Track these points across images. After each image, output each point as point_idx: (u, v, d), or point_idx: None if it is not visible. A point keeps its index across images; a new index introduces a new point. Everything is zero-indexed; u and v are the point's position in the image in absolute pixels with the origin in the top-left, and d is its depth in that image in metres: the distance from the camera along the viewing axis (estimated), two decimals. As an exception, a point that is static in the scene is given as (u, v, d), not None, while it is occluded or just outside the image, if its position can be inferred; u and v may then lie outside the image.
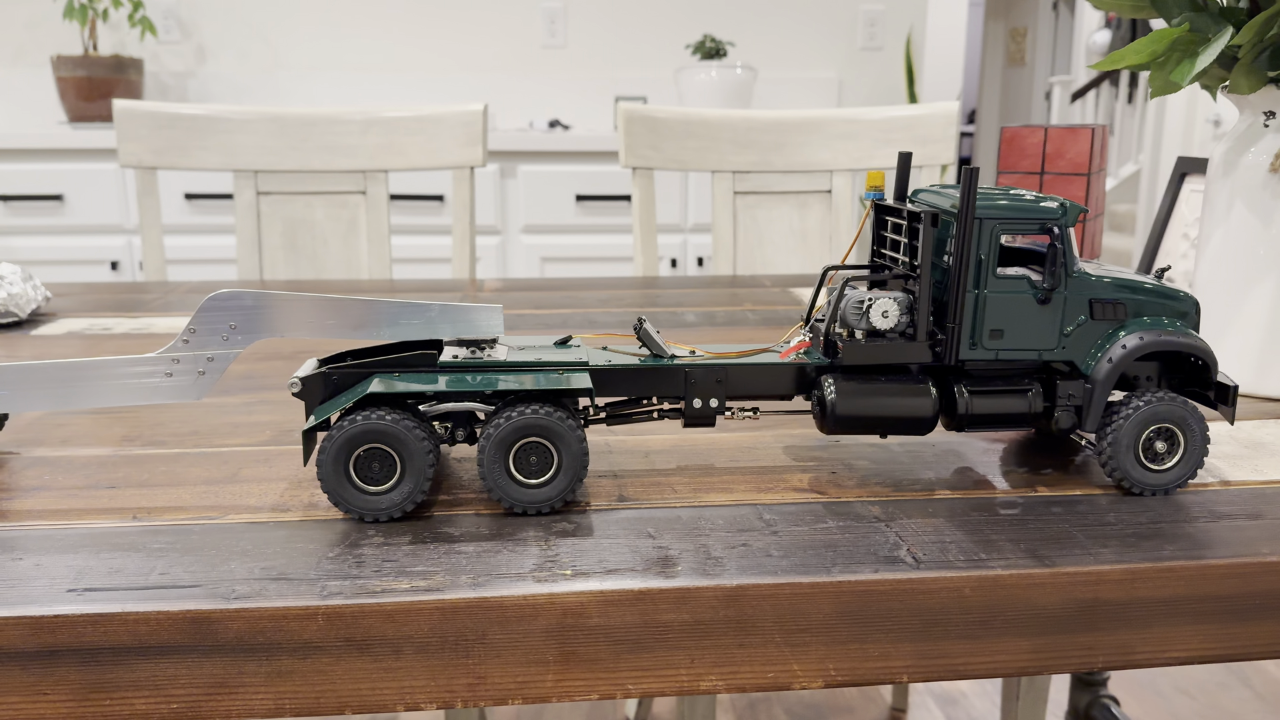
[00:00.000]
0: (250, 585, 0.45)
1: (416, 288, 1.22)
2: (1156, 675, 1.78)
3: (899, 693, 1.68)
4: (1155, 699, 1.71)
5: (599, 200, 2.55)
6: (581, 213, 2.56)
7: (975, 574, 0.47)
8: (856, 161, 1.46)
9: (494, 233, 2.57)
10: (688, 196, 2.59)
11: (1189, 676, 1.78)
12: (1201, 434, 0.55)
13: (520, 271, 2.61)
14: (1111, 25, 7.82)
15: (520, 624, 0.45)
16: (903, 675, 0.47)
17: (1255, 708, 1.69)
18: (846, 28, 3.09)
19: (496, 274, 2.61)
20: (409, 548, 0.49)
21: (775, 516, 0.53)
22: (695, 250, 2.62)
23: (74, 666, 0.43)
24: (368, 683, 0.45)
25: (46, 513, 0.53)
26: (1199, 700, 1.71)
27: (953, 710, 1.68)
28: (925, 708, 1.68)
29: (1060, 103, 7.56)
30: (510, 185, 2.55)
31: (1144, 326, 0.55)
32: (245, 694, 0.44)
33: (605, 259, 2.59)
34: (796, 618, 0.46)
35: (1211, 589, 0.48)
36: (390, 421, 0.51)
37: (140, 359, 0.54)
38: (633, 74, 3.01)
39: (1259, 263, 0.74)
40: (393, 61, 2.94)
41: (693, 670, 0.46)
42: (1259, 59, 0.71)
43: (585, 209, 2.56)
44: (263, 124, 1.37)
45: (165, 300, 1.15)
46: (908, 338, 0.56)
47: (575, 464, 0.52)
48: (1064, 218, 0.54)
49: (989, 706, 1.69)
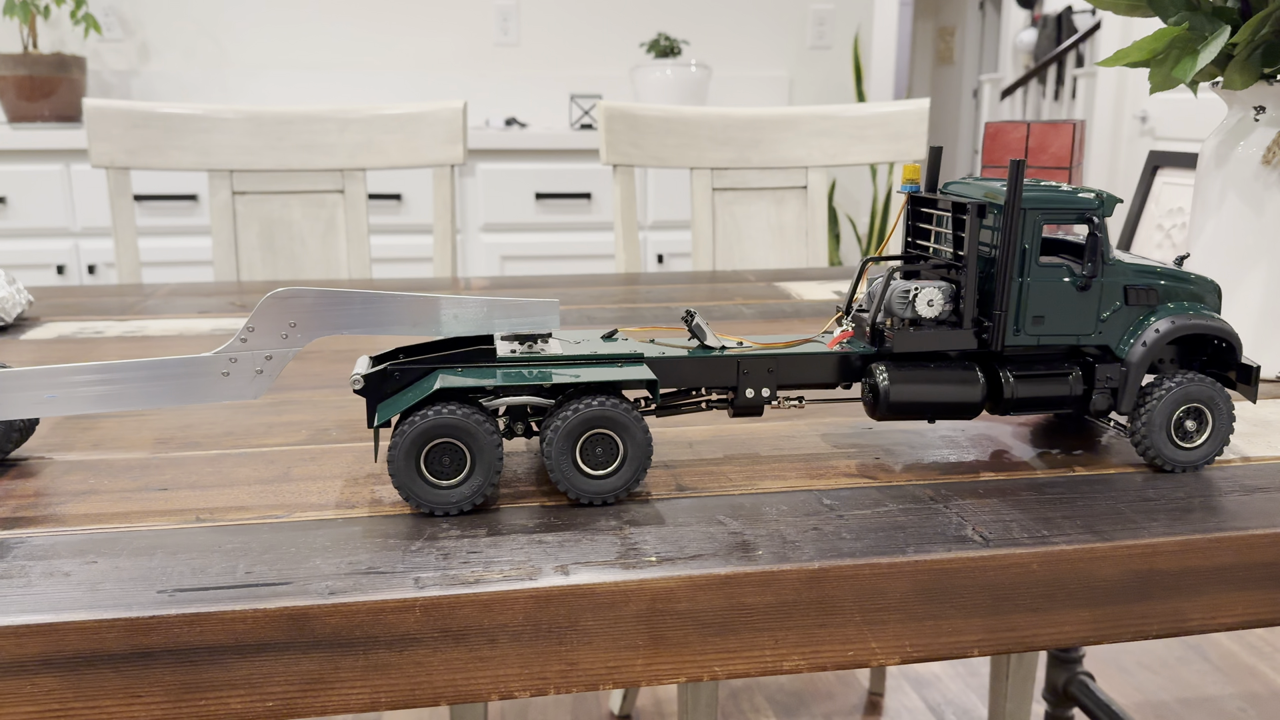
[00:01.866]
0: (342, 581, 0.45)
1: (402, 287, 1.21)
2: (1120, 653, 1.84)
3: (876, 678, 1.71)
4: (1120, 675, 1.77)
5: (559, 198, 2.55)
6: (541, 211, 2.56)
7: (1041, 550, 0.49)
8: (832, 158, 1.49)
9: (452, 232, 2.55)
10: (648, 194, 2.61)
11: (1150, 653, 1.84)
12: (1228, 413, 0.58)
13: (479, 270, 2.60)
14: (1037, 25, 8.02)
15: (611, 610, 0.46)
16: (974, 649, 0.49)
17: (1214, 679, 1.76)
18: (796, 27, 3.14)
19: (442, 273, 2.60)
20: (488, 539, 0.49)
21: (835, 501, 0.54)
22: (655, 247, 2.63)
23: (169, 668, 0.43)
24: (463, 673, 0.45)
25: (105, 516, 0.52)
26: (1161, 675, 1.77)
27: (927, 692, 1.72)
28: (901, 691, 1.72)
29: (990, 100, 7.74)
30: (469, 184, 2.54)
31: (1173, 311, 0.58)
32: (341, 689, 0.44)
33: (567, 257, 2.59)
34: (875, 597, 0.48)
35: (1257, 557, 0.51)
36: (461, 416, 0.51)
37: (196, 359, 0.54)
38: (587, 72, 3.02)
39: (1252, 251, 0.78)
40: (343, 59, 2.90)
41: (776, 651, 0.47)
42: (1252, 56, 0.75)
43: (545, 207, 2.56)
44: (238, 123, 1.35)
45: (149, 303, 1.13)
46: (951, 325, 0.58)
47: (640, 454, 0.53)
48: (1101, 208, 0.56)
49: (961, 688, 1.73)
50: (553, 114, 3.01)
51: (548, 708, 1.65)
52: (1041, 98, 6.96)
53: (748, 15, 3.09)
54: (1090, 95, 6.33)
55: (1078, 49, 6.69)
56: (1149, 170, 1.15)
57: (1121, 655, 1.83)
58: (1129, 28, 5.73)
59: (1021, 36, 8.15)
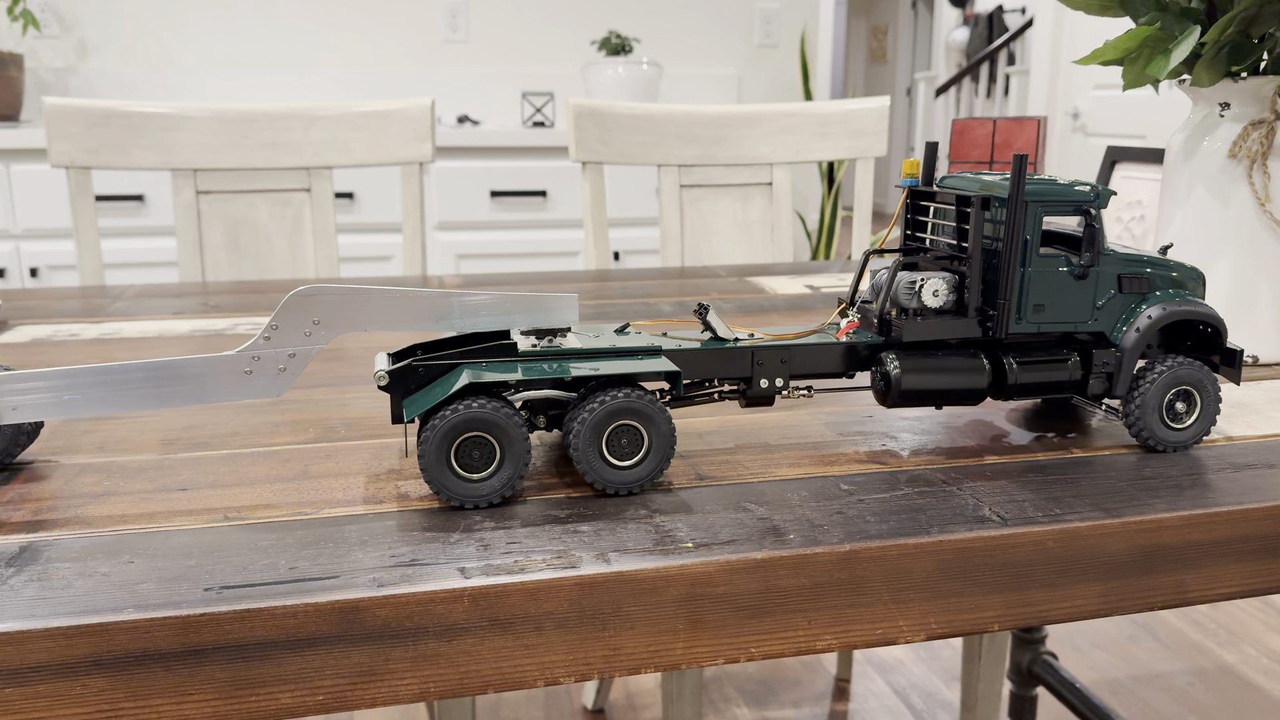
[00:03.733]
0: (387, 573, 0.45)
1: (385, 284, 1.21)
2: (1074, 633, 1.90)
3: (843, 664, 1.75)
4: (1075, 654, 1.83)
5: (515, 196, 2.55)
6: (497, 209, 2.56)
7: (1055, 527, 0.51)
8: (795, 155, 1.51)
9: (406, 231, 2.54)
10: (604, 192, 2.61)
11: (1102, 632, 1.91)
12: (1215, 394, 0.61)
13: (434, 269, 2.58)
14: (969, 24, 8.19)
15: (653, 595, 0.47)
16: (994, 624, 0.51)
17: (1162, 655, 1.82)
18: (744, 25, 3.17)
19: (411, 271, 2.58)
20: (525, 530, 0.50)
21: (853, 486, 0.56)
22: (612, 244, 2.64)
23: (220, 665, 0.43)
24: (510, 661, 0.46)
25: (130, 517, 0.52)
26: (1114, 654, 1.83)
27: (892, 677, 1.75)
28: (867, 676, 1.75)
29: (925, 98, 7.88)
30: (424, 181, 2.52)
31: (1163, 299, 0.61)
32: (392, 680, 0.45)
33: (524, 255, 2.58)
34: (902, 576, 0.49)
35: (1252, 530, 0.54)
36: (491, 410, 0.52)
37: (220, 357, 0.54)
38: (538, 69, 3.01)
39: (1219, 240, 0.82)
40: (288, 56, 2.86)
41: (809, 631, 0.49)
42: (1219, 55, 0.79)
43: (501, 205, 2.55)
44: (202, 121, 1.33)
45: (118, 306, 1.11)
46: (955, 315, 0.60)
47: (664, 445, 0.54)
48: (1097, 201, 0.59)
49: (925, 672, 1.77)
50: (504, 111, 3.00)
51: (520, 705, 1.65)
52: (974, 95, 7.12)
53: (696, 14, 3.11)
54: (1023, 92, 6.48)
55: (1009, 47, 6.84)
56: (1107, 164, 1.19)
57: (1076, 635, 1.89)
58: (1060, 27, 5.88)
59: (953, 35, 8.32)
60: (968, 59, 7.81)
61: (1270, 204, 0.80)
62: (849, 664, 1.75)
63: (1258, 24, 0.77)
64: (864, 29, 11.32)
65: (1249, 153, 0.79)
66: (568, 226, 2.62)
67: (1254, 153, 0.79)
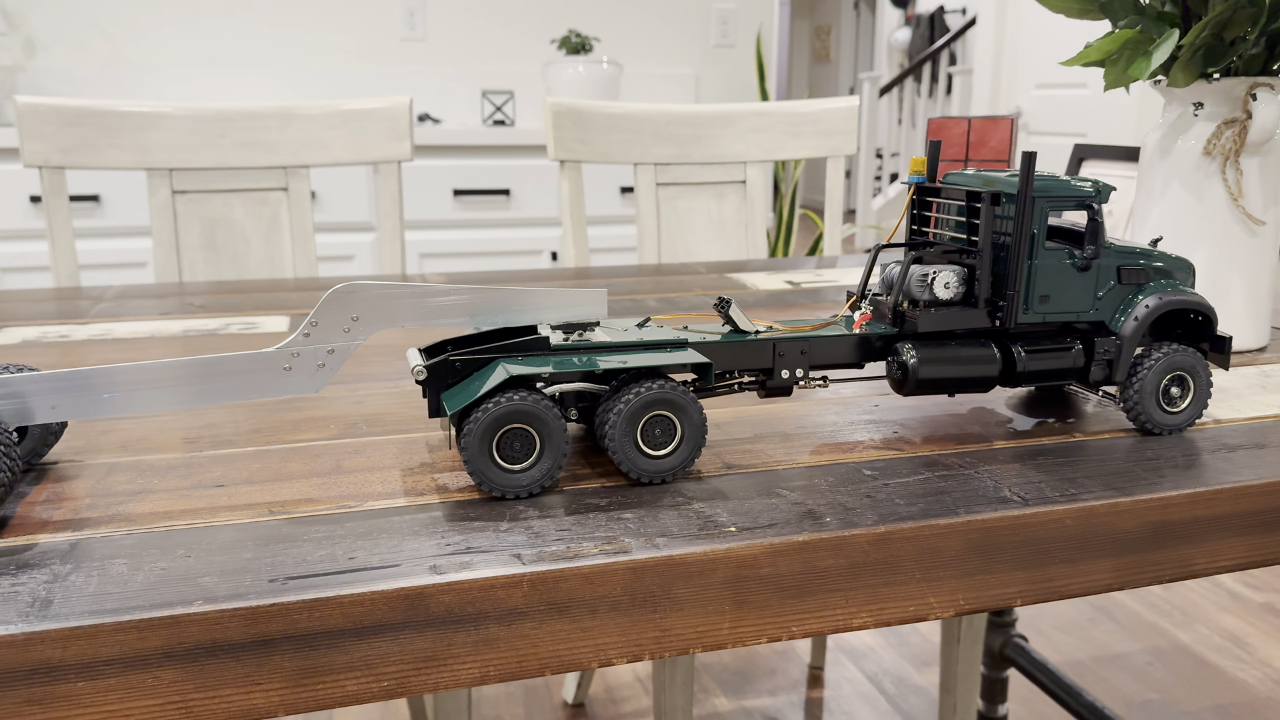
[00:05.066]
0: (445, 560, 0.47)
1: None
2: (1037, 617, 1.96)
3: (816, 651, 1.78)
4: (1039, 637, 1.88)
5: (478, 195, 2.55)
6: (460, 207, 2.55)
7: (1073, 506, 0.54)
8: (768, 153, 1.54)
9: (368, 229, 2.53)
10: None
11: (1063, 616, 1.96)
12: (1207, 379, 0.64)
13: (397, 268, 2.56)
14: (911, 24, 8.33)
15: (700, 578, 0.49)
16: (1017, 600, 0.54)
17: (1121, 636, 1.89)
18: (701, 25, 3.20)
19: (372, 271, 2.57)
20: (570, 519, 0.52)
21: (875, 471, 0.58)
22: (574, 243, 2.65)
23: (288, 654, 0.44)
24: (566, 643, 0.47)
25: (173, 514, 0.52)
26: (1075, 636, 1.89)
27: (863, 663, 1.79)
28: (840, 664, 1.79)
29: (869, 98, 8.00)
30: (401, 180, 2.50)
31: (1158, 289, 0.64)
32: (453, 665, 0.46)
33: (488, 254, 2.58)
34: (933, 555, 0.52)
35: (1250, 505, 0.57)
36: (532, 402, 0.53)
37: (260, 354, 0.54)
38: (498, 68, 3.01)
39: (1194, 234, 0.86)
40: (243, 54, 2.83)
41: (847, 610, 0.51)
42: (1194, 57, 0.82)
43: (464, 204, 2.55)
44: (177, 119, 1.32)
45: (101, 307, 1.10)
46: (965, 306, 0.63)
47: (696, 434, 0.56)
48: (1098, 196, 0.62)
49: (895, 658, 1.81)
50: (464, 110, 2.99)
51: (500, 701, 1.66)
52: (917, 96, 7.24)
53: (654, 13, 3.13)
54: (966, 92, 6.62)
55: (950, 47, 6.98)
56: (1074, 162, 1.23)
57: (1038, 619, 1.95)
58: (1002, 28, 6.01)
59: (896, 35, 8.45)
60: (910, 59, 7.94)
61: (1243, 199, 0.84)
62: (823, 651, 1.78)
63: (1230, 27, 0.81)
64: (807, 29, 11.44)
65: (1223, 150, 0.83)
66: (532, 225, 2.63)
67: (1227, 150, 0.83)
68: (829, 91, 11.10)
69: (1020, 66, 5.93)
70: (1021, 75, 5.94)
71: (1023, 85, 5.97)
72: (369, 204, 2.49)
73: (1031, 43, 5.82)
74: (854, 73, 10.75)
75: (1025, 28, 5.87)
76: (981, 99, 6.18)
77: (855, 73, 10.73)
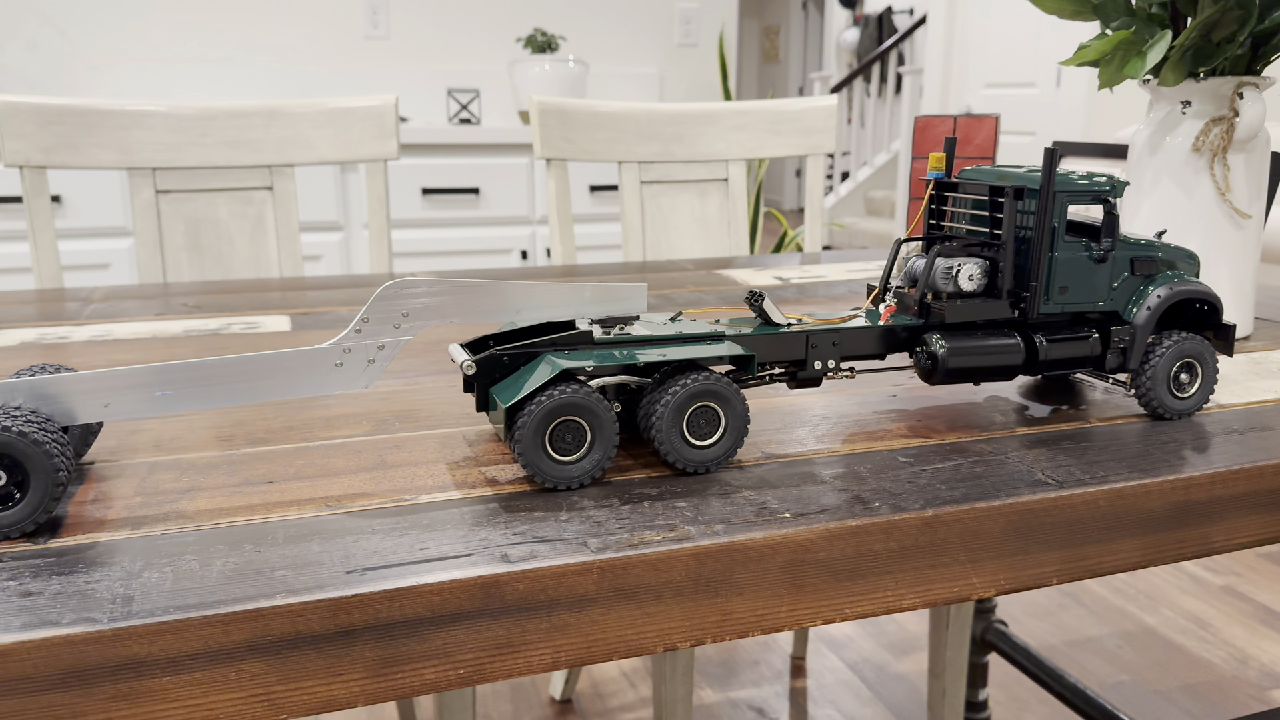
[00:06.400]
0: (515, 550, 0.48)
1: (346, 284, 1.21)
2: (1009, 604, 2.00)
3: (798, 642, 1.81)
4: (1012, 624, 1.93)
5: (447, 194, 2.54)
6: (429, 206, 2.54)
7: (1104, 488, 0.56)
8: (749, 151, 1.56)
9: (335, 229, 2.51)
10: (535, 188, 2.62)
11: (1034, 602, 2.01)
12: (1214, 366, 0.67)
13: (364, 268, 2.55)
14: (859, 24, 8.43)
15: (760, 563, 0.50)
16: (1053, 578, 0.56)
17: (1090, 621, 1.94)
18: (664, 25, 3.21)
19: (340, 271, 2.55)
20: (626, 508, 0.53)
21: (910, 458, 0.60)
22: (545, 242, 2.66)
23: (369, 644, 0.44)
24: (633, 628, 0.48)
25: (230, 510, 0.53)
26: (1047, 622, 1.94)
27: (844, 653, 1.82)
28: (820, 654, 1.82)
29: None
30: (351, 180, 2.49)
31: (1167, 279, 0.67)
32: (527, 651, 0.47)
33: (459, 252, 2.58)
34: (976, 537, 0.54)
35: (1265, 484, 0.60)
36: (584, 395, 0.54)
37: (312, 350, 0.55)
38: (463, 66, 3.00)
39: (1184, 228, 0.89)
40: (204, 53, 2.78)
41: (896, 591, 0.53)
42: (1183, 58, 0.86)
43: (432, 202, 2.54)
44: (160, 118, 1.30)
45: (92, 308, 1.08)
46: (987, 297, 0.65)
47: (739, 424, 0.58)
48: (1113, 191, 0.64)
49: (874, 647, 1.84)
50: (430, 108, 2.98)
51: (486, 698, 1.66)
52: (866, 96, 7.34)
53: (618, 13, 3.14)
54: (915, 91, 6.72)
55: (899, 47, 7.08)
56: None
57: (1011, 606, 2.00)
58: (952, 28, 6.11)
59: (844, 35, 8.55)
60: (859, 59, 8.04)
61: (1230, 193, 0.87)
62: (804, 642, 1.81)
63: (1218, 29, 0.84)
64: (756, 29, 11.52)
65: (1211, 147, 0.87)
66: (502, 224, 2.62)
67: (1215, 147, 0.87)
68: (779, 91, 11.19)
69: (970, 66, 6.04)
70: (971, 74, 6.04)
71: (972, 84, 6.08)
72: (336, 204, 2.47)
73: (981, 42, 5.93)
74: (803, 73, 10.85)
75: (975, 28, 5.98)
76: (932, 98, 6.28)
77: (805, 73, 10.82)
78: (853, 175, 7.20)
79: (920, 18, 6.74)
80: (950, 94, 6.25)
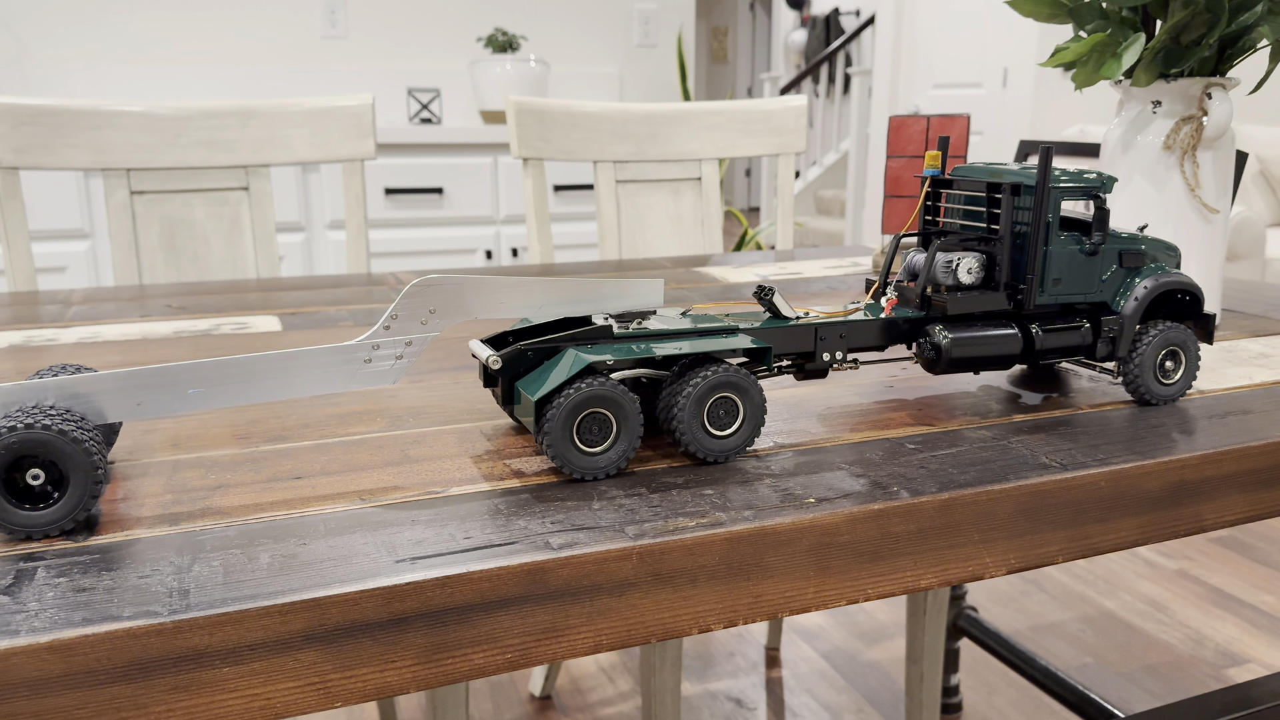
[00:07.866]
0: (557, 537, 0.49)
1: (327, 284, 1.21)
2: (974, 592, 2.05)
3: (772, 634, 1.83)
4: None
5: (410, 194, 2.53)
6: (391, 206, 2.53)
7: (1106, 470, 0.59)
8: (722, 151, 1.58)
9: (297, 230, 2.49)
10: (499, 188, 2.63)
11: (997, 590, 2.06)
12: (1196, 353, 0.70)
13: (328, 269, 2.53)
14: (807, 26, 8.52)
15: (789, 546, 0.52)
16: (1059, 557, 0.59)
17: (1052, 607, 1.99)
18: (623, 25, 3.23)
19: (303, 272, 2.53)
20: (655, 496, 0.54)
21: (918, 445, 0.62)
22: (510, 241, 2.66)
23: (420, 631, 0.46)
24: (670, 612, 0.50)
25: (264, 505, 0.53)
26: (1010, 608, 1.99)
27: (816, 643, 1.85)
28: (794, 644, 1.85)
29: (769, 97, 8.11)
30: (313, 180, 2.47)
31: (1151, 271, 0.70)
32: (570, 635, 0.48)
33: (423, 253, 2.57)
34: (988, 519, 0.56)
35: (1251, 464, 0.63)
36: (610, 387, 0.56)
37: (341, 347, 0.55)
38: (422, 65, 2.99)
39: (1154, 223, 0.93)
40: (157, 52, 2.74)
41: (915, 572, 0.55)
42: (1155, 59, 0.89)
43: (396, 202, 2.53)
44: (134, 118, 1.29)
45: (76, 309, 1.07)
46: (985, 290, 0.68)
47: (757, 414, 0.59)
48: (1103, 187, 0.67)
49: (845, 636, 1.88)
50: (389, 108, 2.96)
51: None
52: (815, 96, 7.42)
53: (578, 13, 3.15)
54: (863, 92, 6.81)
55: (846, 48, 7.17)
56: (1020, 156, 1.31)
57: (975, 593, 2.04)
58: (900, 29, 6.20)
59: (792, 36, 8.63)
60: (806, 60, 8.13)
61: (1200, 190, 0.91)
62: (778, 633, 1.84)
63: (1187, 31, 0.88)
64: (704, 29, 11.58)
65: (1181, 145, 0.90)
66: (466, 224, 2.62)
67: (1185, 145, 0.90)
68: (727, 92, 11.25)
69: (918, 67, 6.14)
70: (920, 75, 6.15)
71: (920, 85, 6.18)
72: (298, 205, 2.45)
73: (929, 44, 6.03)
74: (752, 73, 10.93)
75: (922, 29, 6.08)
76: (881, 99, 6.37)
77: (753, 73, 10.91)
78: (803, 175, 7.27)
79: (867, 19, 6.83)
80: (899, 94, 6.34)
